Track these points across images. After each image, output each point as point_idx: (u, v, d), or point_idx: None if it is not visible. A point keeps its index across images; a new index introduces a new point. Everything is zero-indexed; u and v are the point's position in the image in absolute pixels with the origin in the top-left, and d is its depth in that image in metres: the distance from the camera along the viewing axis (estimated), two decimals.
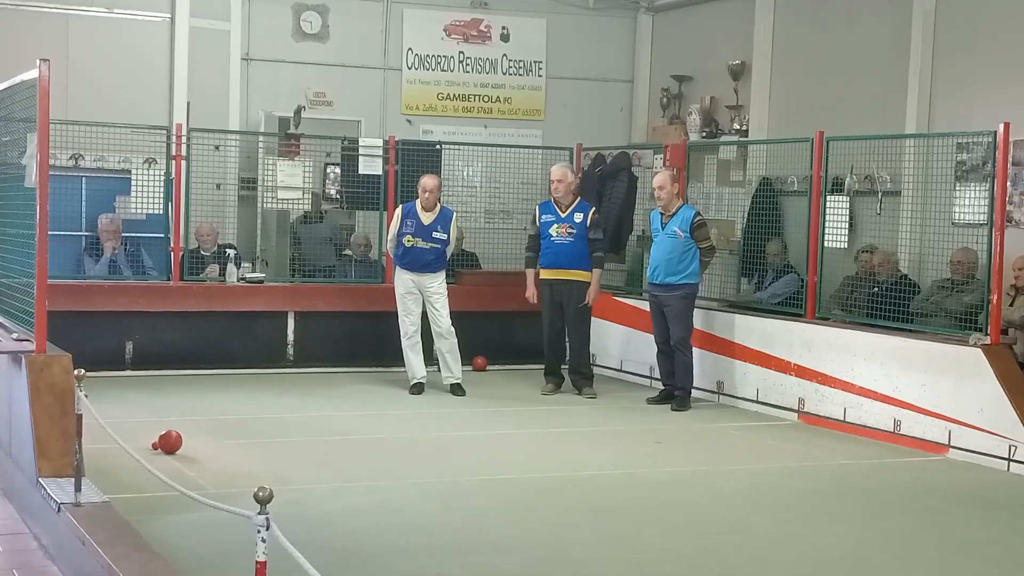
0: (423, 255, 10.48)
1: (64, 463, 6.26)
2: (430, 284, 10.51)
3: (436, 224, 10.47)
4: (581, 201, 10.76)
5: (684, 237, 10.10)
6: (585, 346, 10.87)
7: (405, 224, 10.47)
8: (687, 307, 10.21)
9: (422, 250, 10.47)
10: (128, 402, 9.40)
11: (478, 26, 13.93)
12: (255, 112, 12.86)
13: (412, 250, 10.47)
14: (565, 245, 10.58)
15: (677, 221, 10.15)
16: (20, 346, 6.87)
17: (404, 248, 10.48)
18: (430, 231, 10.47)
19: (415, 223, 10.46)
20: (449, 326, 10.50)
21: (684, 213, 10.20)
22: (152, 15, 12.46)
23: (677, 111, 13.74)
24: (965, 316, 8.99)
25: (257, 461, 7.80)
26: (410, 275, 10.51)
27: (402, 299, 10.56)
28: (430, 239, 10.46)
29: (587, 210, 10.64)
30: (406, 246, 10.47)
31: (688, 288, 10.17)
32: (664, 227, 10.23)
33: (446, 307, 10.52)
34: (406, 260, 10.52)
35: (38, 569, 5.79)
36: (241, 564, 4.92)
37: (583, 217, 10.58)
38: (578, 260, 10.61)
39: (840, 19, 11.90)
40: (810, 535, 6.50)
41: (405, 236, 10.45)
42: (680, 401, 10.21)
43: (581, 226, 10.56)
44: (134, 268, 11.47)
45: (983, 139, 9.29)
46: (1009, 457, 8.13)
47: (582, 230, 10.56)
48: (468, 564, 5.70)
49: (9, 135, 7.93)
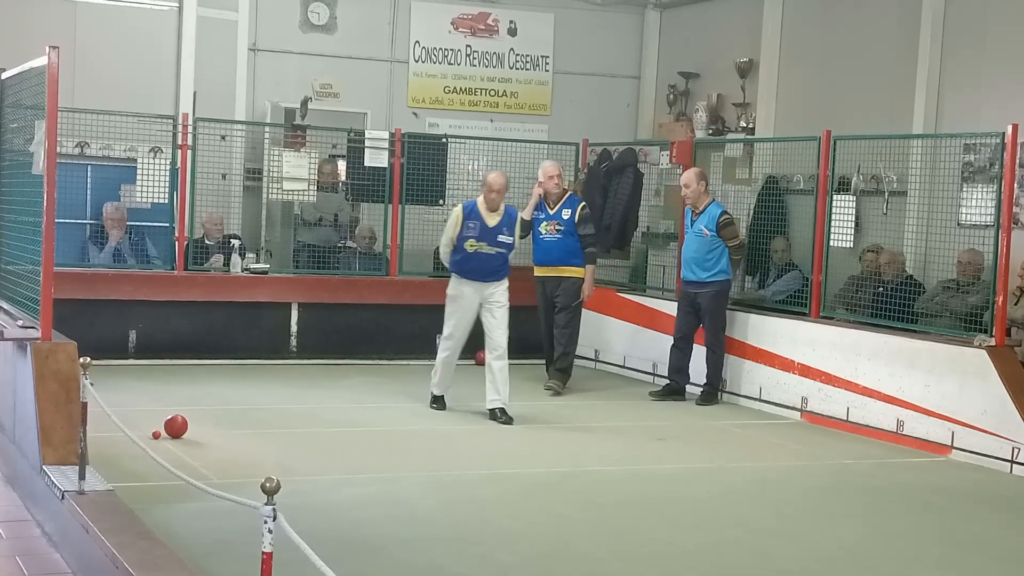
0: (488, 262, 9.22)
1: (68, 451, 6.27)
2: (492, 294, 9.26)
3: (502, 226, 9.22)
4: (570, 197, 10.67)
5: (711, 236, 10.13)
6: (571, 343, 10.68)
7: (466, 227, 9.15)
8: (720, 304, 10.27)
9: (487, 256, 9.19)
10: (131, 390, 9.40)
11: (485, 20, 13.92)
12: (261, 103, 12.86)
13: (475, 256, 9.17)
14: (554, 242, 10.51)
15: (704, 219, 10.20)
16: (25, 333, 6.87)
17: (465, 254, 9.17)
18: (495, 234, 9.20)
19: (478, 225, 9.16)
20: (505, 343, 9.36)
21: (711, 211, 10.25)
22: (160, 4, 12.45)
23: (684, 108, 13.73)
24: (970, 317, 8.98)
25: (260, 451, 7.80)
26: (471, 284, 9.23)
27: (456, 310, 9.31)
28: (495, 243, 9.20)
29: (575, 206, 10.53)
30: (467, 251, 9.15)
31: (719, 285, 10.22)
32: (692, 224, 10.28)
33: (506, 320, 9.32)
34: (468, 267, 9.23)
35: (41, 557, 5.79)
36: (244, 553, 4.93)
37: (571, 213, 10.47)
38: (568, 256, 10.51)
39: (848, 17, 11.89)
40: (813, 532, 6.50)
41: (467, 240, 9.13)
42: (707, 396, 10.26)
43: (569, 222, 10.47)
44: (139, 257, 11.49)
45: (991, 140, 9.29)
46: (1012, 459, 8.12)
47: (570, 226, 10.47)
48: (471, 555, 5.71)
49: (17, 122, 7.93)
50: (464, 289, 9.25)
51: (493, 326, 9.28)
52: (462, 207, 9.31)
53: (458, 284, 9.30)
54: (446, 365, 9.44)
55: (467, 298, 9.23)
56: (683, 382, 10.42)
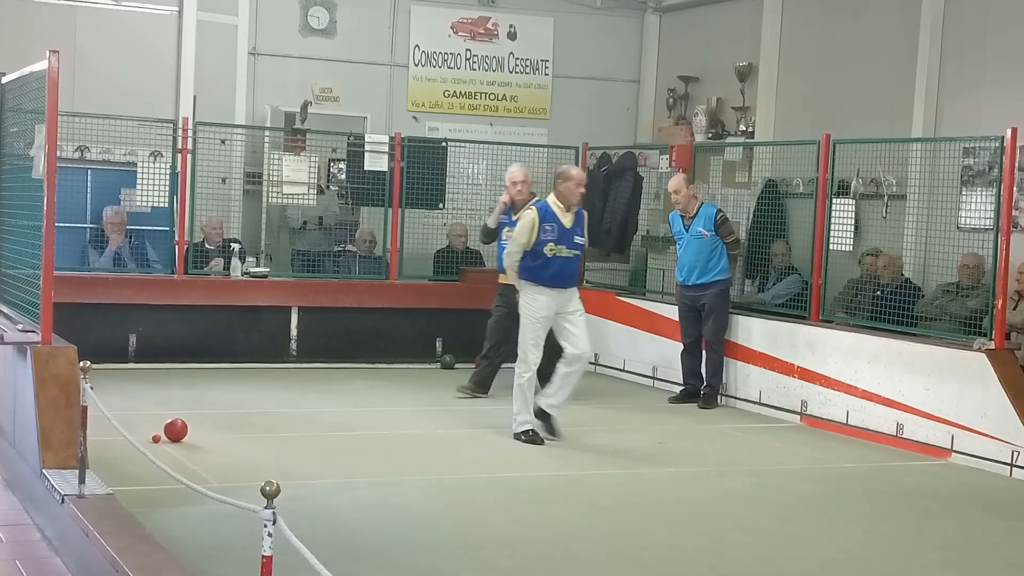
0: (568, 265, 8.57)
1: (68, 454, 6.27)
2: (570, 300, 8.59)
3: (576, 227, 8.64)
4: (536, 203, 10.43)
5: (710, 236, 10.16)
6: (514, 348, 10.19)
7: (543, 230, 8.48)
8: (724, 304, 10.31)
9: (567, 260, 8.54)
10: (131, 394, 9.39)
11: (485, 24, 13.94)
12: (261, 107, 12.88)
13: (555, 260, 8.48)
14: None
15: (700, 221, 10.22)
16: (25, 337, 6.87)
17: (544, 259, 8.46)
18: (572, 235, 8.57)
19: (556, 227, 8.50)
20: (591, 351, 8.85)
21: (706, 212, 10.26)
22: (160, 8, 12.47)
23: (683, 112, 13.74)
24: (969, 321, 8.99)
25: (260, 455, 7.80)
26: (549, 292, 8.50)
27: (536, 322, 8.53)
28: (573, 245, 8.58)
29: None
30: (547, 256, 8.46)
31: (722, 284, 10.27)
32: (688, 229, 10.28)
33: (586, 326, 8.73)
34: (548, 274, 8.49)
35: (41, 561, 5.79)
36: (244, 557, 4.92)
37: None
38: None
39: (848, 22, 11.90)
40: (812, 536, 6.50)
41: (546, 244, 8.45)
42: (708, 399, 10.26)
43: None
44: (138, 261, 11.49)
45: (990, 144, 9.30)
46: (1012, 462, 8.12)
47: None
48: (471, 559, 5.71)
49: (17, 126, 7.94)
50: (542, 298, 8.49)
51: (575, 337, 8.54)
52: (536, 209, 8.58)
53: (535, 294, 8.50)
54: (530, 387, 8.59)
55: (547, 308, 8.49)
56: (699, 385, 10.43)
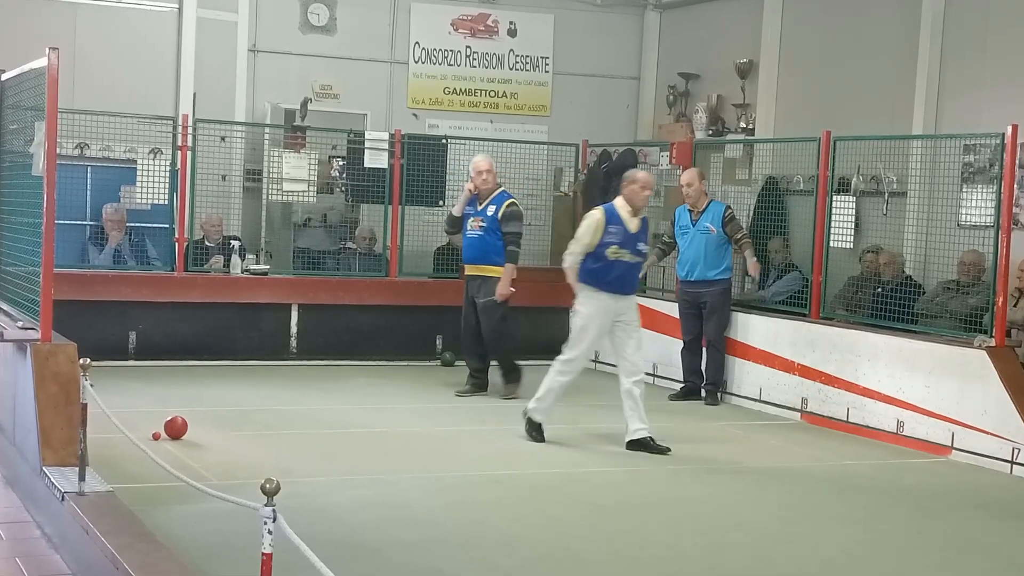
0: (630, 271, 8.43)
1: (68, 452, 6.27)
2: (627, 309, 8.44)
3: (642, 233, 8.47)
4: (501, 193, 10.18)
5: (717, 232, 10.17)
6: (497, 343, 10.22)
7: (608, 232, 8.30)
8: (726, 302, 10.36)
9: (628, 265, 8.39)
10: (131, 392, 9.39)
11: (485, 21, 13.92)
12: (261, 104, 12.86)
13: (617, 265, 8.31)
14: (475, 239, 10.13)
15: (708, 217, 10.25)
16: (25, 334, 6.87)
17: (606, 262, 8.28)
18: (636, 241, 8.39)
19: (621, 231, 8.32)
20: (643, 365, 8.74)
21: (714, 208, 10.31)
22: (160, 5, 12.46)
23: (683, 109, 13.73)
24: (970, 318, 8.98)
25: (260, 453, 7.80)
26: (608, 297, 8.32)
27: (591, 326, 8.37)
28: (636, 251, 8.39)
29: (501, 202, 10.08)
30: (609, 259, 8.28)
31: (725, 283, 10.34)
32: (695, 224, 10.29)
33: (642, 338, 8.60)
34: (609, 278, 8.31)
35: (41, 558, 5.79)
36: (245, 555, 4.92)
37: (495, 210, 10.05)
38: (487, 254, 10.08)
39: (848, 19, 11.89)
40: (812, 534, 6.50)
41: (609, 247, 8.28)
42: (713, 396, 10.28)
43: (492, 219, 10.04)
44: (138, 258, 11.49)
45: (991, 141, 9.29)
46: (1012, 460, 8.12)
47: (493, 223, 10.04)
48: (471, 559, 5.70)
49: (17, 123, 7.94)
50: (600, 303, 8.30)
51: (631, 346, 8.37)
52: (603, 211, 8.40)
53: (594, 297, 8.31)
54: (562, 390, 8.52)
55: (603, 313, 8.30)
56: (699, 382, 10.45)
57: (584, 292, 8.35)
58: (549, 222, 13.31)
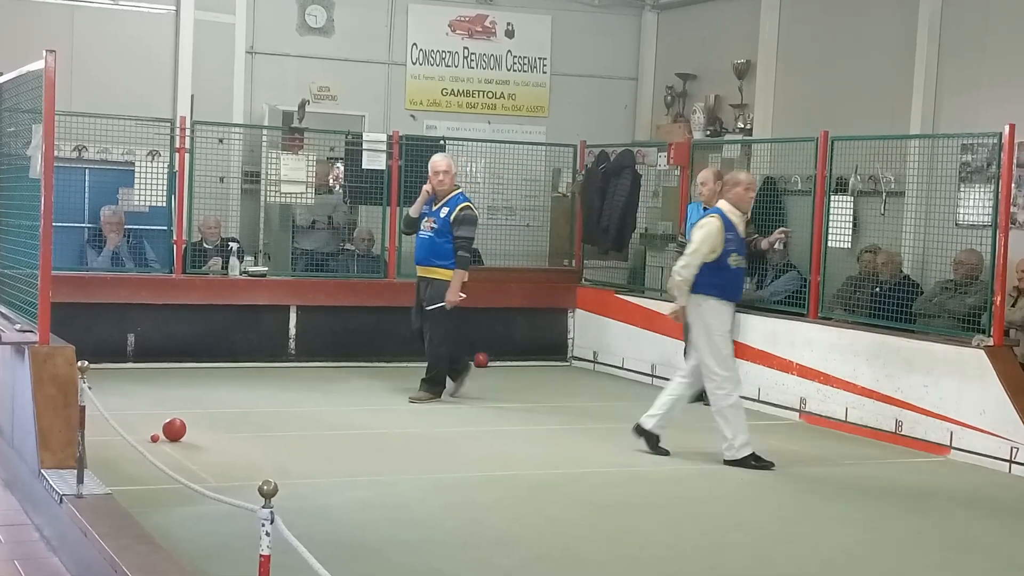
0: (743, 277, 8.19)
1: (67, 454, 6.26)
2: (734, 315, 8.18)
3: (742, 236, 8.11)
4: (456, 196, 9.90)
5: None
6: (437, 348, 9.90)
7: (727, 240, 7.83)
8: None
9: (743, 271, 8.14)
10: (129, 394, 9.39)
11: (483, 22, 13.92)
12: (259, 106, 12.86)
13: (739, 272, 8.01)
14: (425, 240, 9.92)
15: None
16: (24, 337, 6.86)
17: (729, 271, 7.86)
18: (743, 245, 8.09)
19: (736, 237, 7.92)
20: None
21: None
22: (157, 7, 12.46)
23: (681, 109, 13.73)
24: (968, 317, 8.98)
25: (259, 454, 7.80)
26: (731, 307, 8.02)
27: (729, 337, 7.99)
28: (744, 255, 8.11)
29: (455, 205, 9.81)
30: (732, 268, 7.88)
31: None
32: None
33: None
34: (733, 287, 7.97)
35: (40, 561, 5.79)
36: (243, 557, 4.91)
37: (448, 212, 9.79)
38: (435, 256, 9.83)
39: (846, 19, 11.89)
40: (812, 534, 6.50)
41: (731, 255, 7.84)
42: None
43: (444, 221, 9.78)
44: (137, 260, 11.48)
45: (988, 140, 9.29)
46: (1011, 459, 8.12)
47: (444, 225, 9.77)
48: (470, 559, 5.70)
49: (14, 126, 7.93)
50: (727, 312, 7.94)
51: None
52: (720, 217, 7.90)
53: (719, 307, 7.89)
54: (738, 410, 8.02)
55: (729, 322, 7.96)
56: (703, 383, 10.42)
57: (707, 304, 7.84)
58: (547, 223, 13.32)
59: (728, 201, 7.98)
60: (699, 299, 7.85)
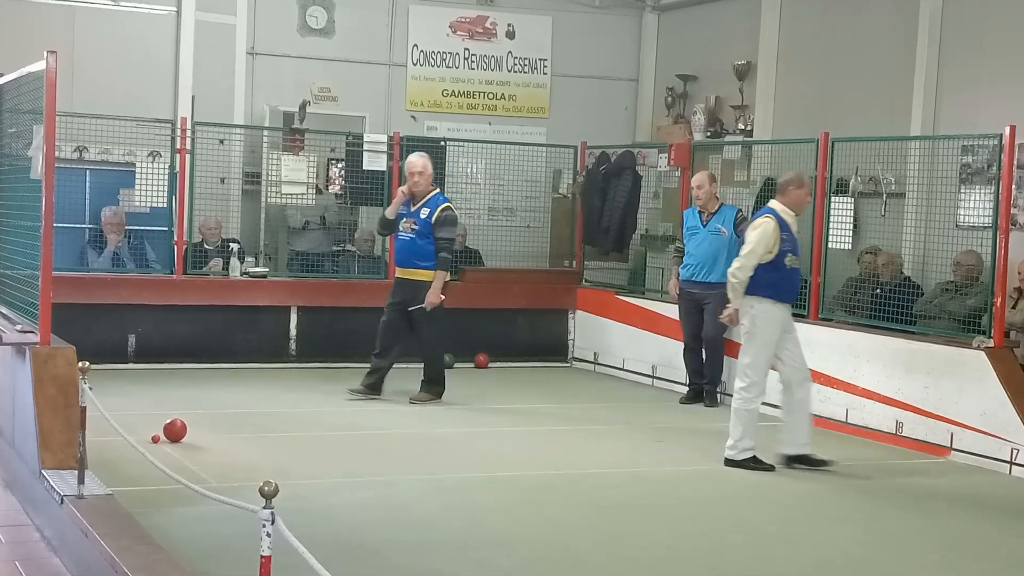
0: (798, 277, 8.09)
1: (67, 455, 6.26)
2: (790, 316, 8.02)
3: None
4: (435, 196, 9.84)
5: (728, 234, 10.18)
6: (431, 350, 9.95)
7: (783, 240, 7.75)
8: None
9: (798, 272, 8.05)
10: (130, 395, 9.39)
11: (483, 23, 13.93)
12: (260, 106, 12.87)
13: (794, 273, 7.94)
14: (405, 241, 9.82)
15: (720, 219, 10.26)
16: (24, 338, 6.87)
17: (785, 272, 7.79)
18: (798, 245, 8.00)
19: (791, 237, 7.86)
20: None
21: (726, 211, 10.31)
22: (158, 8, 12.46)
23: (682, 110, 13.73)
24: (968, 319, 8.98)
25: (259, 455, 7.80)
26: (786, 309, 7.90)
27: (772, 342, 7.83)
28: (799, 256, 8.04)
29: (435, 206, 9.73)
30: (787, 268, 7.80)
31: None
32: (705, 226, 10.29)
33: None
34: (787, 287, 7.90)
35: (40, 561, 5.79)
36: (244, 557, 4.92)
37: (429, 213, 9.71)
38: (416, 258, 9.74)
39: (846, 20, 11.90)
40: (812, 536, 6.50)
41: (787, 256, 7.77)
42: (713, 396, 10.27)
43: (424, 222, 9.70)
44: (137, 261, 11.49)
45: (989, 142, 9.29)
46: (1011, 460, 8.12)
47: (425, 227, 9.69)
48: (469, 560, 5.70)
49: (15, 126, 7.94)
50: (779, 315, 7.80)
51: (798, 354, 7.95)
52: (774, 217, 7.81)
53: (772, 310, 7.76)
54: (756, 415, 7.87)
55: (779, 327, 7.82)
56: (703, 383, 10.44)
57: (760, 306, 7.74)
58: (548, 224, 13.33)
59: (784, 203, 7.90)
60: (752, 300, 7.77)
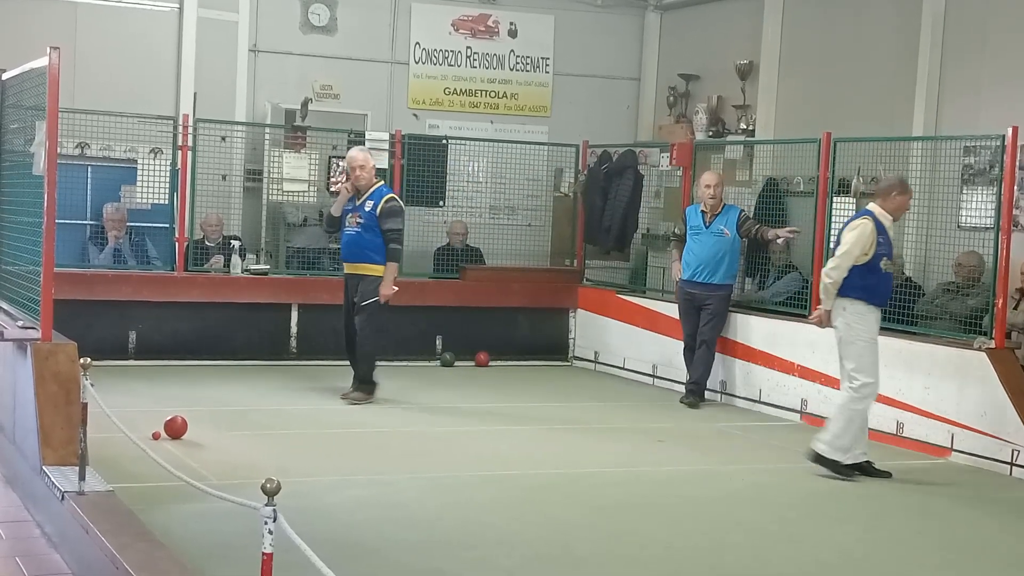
0: (891, 282, 8.04)
1: (68, 451, 6.27)
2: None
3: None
4: (379, 188, 9.73)
5: (731, 236, 10.18)
6: (367, 345, 9.66)
7: (879, 244, 7.66)
8: (726, 306, 10.37)
9: (891, 276, 7.97)
10: (131, 392, 9.40)
11: (486, 21, 13.92)
12: (262, 104, 12.86)
13: (888, 277, 7.85)
14: (352, 236, 9.64)
15: (723, 220, 10.27)
16: (26, 334, 6.87)
17: (880, 275, 7.71)
18: (892, 249, 7.96)
19: (887, 241, 7.76)
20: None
21: (729, 212, 10.32)
22: (160, 5, 12.45)
23: (684, 110, 13.73)
24: (969, 320, 8.98)
25: (259, 452, 7.81)
26: (880, 312, 7.82)
27: (876, 344, 7.75)
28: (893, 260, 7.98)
29: (379, 198, 9.60)
30: (883, 272, 7.73)
31: (729, 288, 10.38)
32: (709, 226, 10.29)
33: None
34: (881, 290, 7.80)
35: (41, 558, 5.79)
36: (245, 555, 4.93)
37: (373, 206, 9.56)
38: (364, 252, 9.57)
39: (849, 20, 11.89)
40: (812, 536, 6.50)
41: (882, 259, 7.70)
42: (696, 395, 10.29)
43: (370, 215, 9.54)
44: (139, 258, 11.50)
45: (991, 142, 9.29)
46: (1012, 461, 8.12)
47: (371, 220, 9.53)
48: (469, 559, 5.70)
49: (17, 123, 7.94)
50: (874, 318, 7.70)
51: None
52: (872, 219, 7.68)
53: (867, 313, 7.68)
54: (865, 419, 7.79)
55: (877, 329, 7.73)
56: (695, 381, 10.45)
57: (853, 307, 7.64)
58: (549, 223, 13.33)
59: (885, 207, 7.78)
60: (844, 303, 7.68)
